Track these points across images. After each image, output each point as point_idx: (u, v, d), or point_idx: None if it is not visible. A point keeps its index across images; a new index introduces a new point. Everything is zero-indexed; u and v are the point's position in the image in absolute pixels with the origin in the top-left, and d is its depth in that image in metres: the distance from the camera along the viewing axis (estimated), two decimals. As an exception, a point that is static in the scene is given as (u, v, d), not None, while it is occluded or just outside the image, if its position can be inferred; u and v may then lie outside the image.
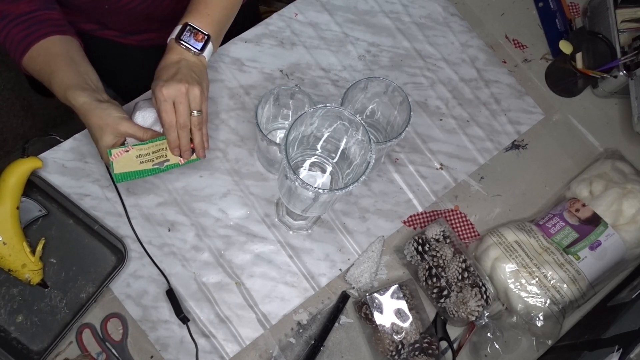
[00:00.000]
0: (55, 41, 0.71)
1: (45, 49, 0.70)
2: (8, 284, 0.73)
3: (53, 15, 0.73)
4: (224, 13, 0.73)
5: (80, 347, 0.71)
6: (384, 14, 0.94)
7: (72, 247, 0.75)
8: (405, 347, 0.72)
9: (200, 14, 0.70)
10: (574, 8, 1.00)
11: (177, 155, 0.71)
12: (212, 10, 0.71)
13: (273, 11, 0.94)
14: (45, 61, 0.70)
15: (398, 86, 0.67)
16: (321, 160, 0.65)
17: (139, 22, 0.89)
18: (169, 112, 0.66)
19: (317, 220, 0.80)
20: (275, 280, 0.77)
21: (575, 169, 0.89)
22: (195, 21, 0.70)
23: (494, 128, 0.90)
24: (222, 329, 0.74)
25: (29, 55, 0.70)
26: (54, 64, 0.69)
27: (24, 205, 0.73)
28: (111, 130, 0.67)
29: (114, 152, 0.65)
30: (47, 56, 0.70)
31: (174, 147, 0.69)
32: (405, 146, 0.86)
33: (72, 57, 0.71)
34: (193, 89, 0.66)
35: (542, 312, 0.74)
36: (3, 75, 1.59)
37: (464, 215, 0.84)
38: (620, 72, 0.86)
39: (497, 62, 0.94)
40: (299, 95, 0.72)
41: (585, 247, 0.76)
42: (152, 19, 0.89)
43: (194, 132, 0.69)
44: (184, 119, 0.67)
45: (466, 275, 0.75)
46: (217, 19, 0.72)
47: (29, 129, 1.57)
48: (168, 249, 0.76)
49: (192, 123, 0.69)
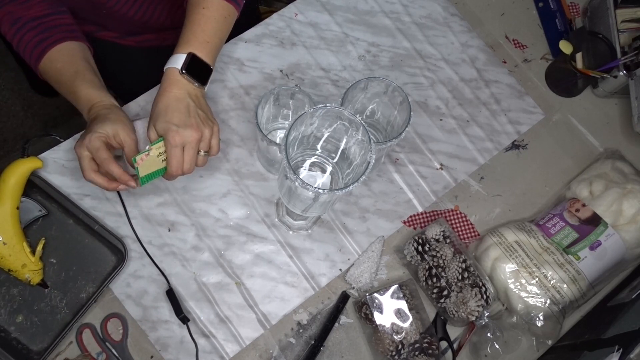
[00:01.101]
0: (74, 46, 0.72)
1: (64, 53, 0.70)
2: (8, 284, 0.73)
3: (65, 19, 0.73)
4: (219, 38, 0.71)
5: (80, 347, 0.71)
6: (384, 14, 0.94)
7: (72, 247, 0.75)
8: (405, 347, 0.72)
9: (199, 42, 0.68)
10: (574, 8, 1.00)
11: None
12: (210, 37, 0.69)
13: (273, 11, 0.94)
14: (69, 62, 0.70)
15: (398, 86, 0.67)
16: (321, 160, 0.65)
17: (137, 27, 0.89)
18: (178, 158, 0.65)
19: (317, 220, 0.80)
20: (275, 280, 0.77)
21: (575, 169, 0.89)
22: (198, 51, 0.68)
23: (494, 128, 0.90)
24: (222, 329, 0.74)
25: (47, 58, 0.70)
26: (78, 65, 0.70)
27: (24, 205, 0.73)
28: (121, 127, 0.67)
29: (138, 158, 0.66)
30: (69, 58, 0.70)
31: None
32: (405, 146, 0.86)
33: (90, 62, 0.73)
34: (205, 134, 0.66)
35: (542, 312, 0.74)
36: (3, 75, 1.59)
37: (464, 215, 0.84)
38: (620, 72, 0.86)
39: (497, 62, 0.94)
40: (299, 95, 0.72)
41: (585, 247, 0.76)
42: (148, 26, 0.89)
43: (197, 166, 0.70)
44: (190, 165, 0.67)
45: (466, 275, 0.75)
46: (215, 46, 0.70)
47: (29, 129, 1.57)
48: (168, 249, 0.76)
49: (197, 162, 0.68)
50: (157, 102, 0.66)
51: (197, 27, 0.68)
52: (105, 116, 0.67)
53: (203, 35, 0.68)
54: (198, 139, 0.65)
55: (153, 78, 0.84)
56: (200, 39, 0.68)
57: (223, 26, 0.71)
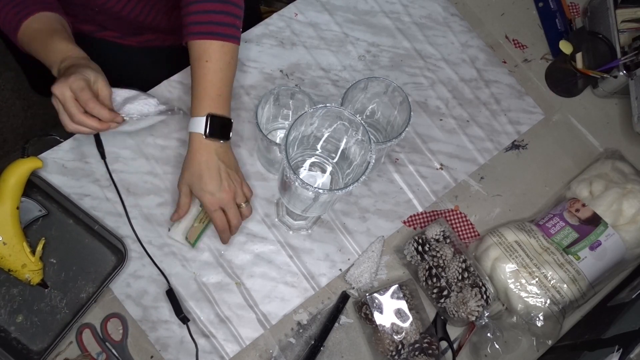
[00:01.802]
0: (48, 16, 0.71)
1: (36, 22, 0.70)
2: (8, 284, 0.73)
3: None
4: (228, 84, 0.72)
5: (80, 347, 0.71)
6: (384, 14, 0.94)
7: (72, 247, 0.75)
8: (405, 347, 0.72)
9: (212, 99, 0.69)
10: (574, 8, 1.00)
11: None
12: (220, 89, 0.70)
13: (273, 11, 0.94)
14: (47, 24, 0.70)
15: (398, 86, 0.67)
16: (321, 160, 0.65)
17: (134, 27, 0.89)
18: (222, 218, 0.71)
19: (317, 220, 0.80)
20: (275, 280, 0.77)
21: (575, 169, 0.89)
22: (214, 109, 0.69)
23: (494, 128, 0.90)
24: (222, 329, 0.74)
25: (21, 32, 0.70)
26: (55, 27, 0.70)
27: (24, 205, 0.73)
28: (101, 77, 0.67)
29: (189, 236, 0.76)
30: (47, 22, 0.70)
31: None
32: (405, 146, 0.86)
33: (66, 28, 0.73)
34: (238, 192, 0.71)
35: (542, 312, 0.74)
36: (3, 75, 1.59)
37: (464, 215, 0.84)
38: (620, 72, 0.86)
39: (497, 62, 0.94)
40: (299, 95, 0.72)
41: (585, 247, 0.76)
42: (145, 26, 0.89)
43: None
44: (237, 221, 0.72)
45: (466, 275, 0.75)
46: (227, 95, 0.72)
47: (29, 129, 1.57)
48: (168, 249, 0.76)
49: (242, 215, 0.73)
50: (188, 167, 0.70)
51: (206, 83, 0.69)
52: (86, 65, 0.67)
53: (214, 89, 0.70)
54: (232, 198, 0.70)
55: (154, 78, 0.84)
56: (212, 95, 0.70)
57: (229, 72, 0.71)
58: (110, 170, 0.77)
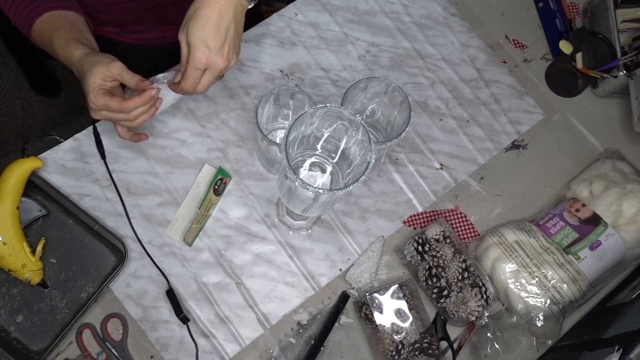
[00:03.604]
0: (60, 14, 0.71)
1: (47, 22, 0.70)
2: (8, 284, 0.73)
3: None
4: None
5: (80, 347, 0.71)
6: (384, 14, 0.94)
7: (72, 247, 0.75)
8: (405, 347, 0.72)
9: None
10: (574, 8, 1.00)
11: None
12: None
13: (273, 11, 0.94)
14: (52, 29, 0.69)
15: (398, 86, 0.67)
16: (321, 160, 0.65)
17: (132, 22, 0.88)
18: (196, 79, 0.64)
19: (317, 220, 0.80)
20: (275, 280, 0.77)
21: (575, 169, 0.89)
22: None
23: (494, 128, 0.90)
24: (222, 329, 0.74)
25: (34, 29, 0.70)
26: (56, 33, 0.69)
27: (24, 205, 0.73)
28: (103, 68, 0.64)
29: (186, 237, 0.76)
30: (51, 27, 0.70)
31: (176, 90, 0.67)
32: (405, 146, 0.86)
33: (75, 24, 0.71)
34: (229, 66, 0.65)
35: (542, 312, 0.74)
36: (3, 75, 1.59)
37: (464, 215, 0.84)
38: (620, 72, 0.86)
39: (497, 62, 0.94)
40: (299, 95, 0.72)
41: (585, 247, 0.76)
42: (141, 20, 0.88)
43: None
44: (205, 89, 0.65)
45: (466, 275, 0.75)
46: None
47: (29, 129, 1.57)
48: (168, 249, 0.76)
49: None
50: (199, 7, 0.61)
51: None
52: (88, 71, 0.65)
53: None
54: (222, 68, 0.64)
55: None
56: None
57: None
58: (110, 170, 0.77)
